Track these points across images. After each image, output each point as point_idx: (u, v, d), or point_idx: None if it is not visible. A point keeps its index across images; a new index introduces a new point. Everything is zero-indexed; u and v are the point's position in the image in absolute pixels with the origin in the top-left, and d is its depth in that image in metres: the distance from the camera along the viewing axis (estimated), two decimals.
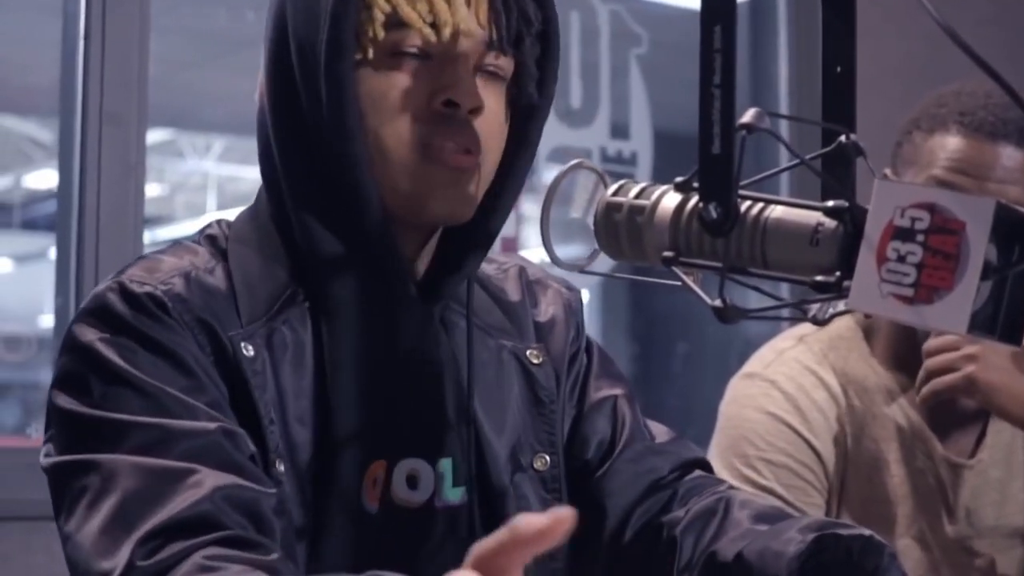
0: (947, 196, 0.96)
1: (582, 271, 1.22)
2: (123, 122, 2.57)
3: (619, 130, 3.26)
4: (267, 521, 1.17)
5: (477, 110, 1.27)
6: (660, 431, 1.48)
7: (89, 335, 1.22)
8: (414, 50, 1.26)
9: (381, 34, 1.25)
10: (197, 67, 7.19)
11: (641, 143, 3.27)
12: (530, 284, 1.47)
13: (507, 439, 1.36)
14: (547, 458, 1.38)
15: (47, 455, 1.23)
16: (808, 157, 1.05)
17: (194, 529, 1.12)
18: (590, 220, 1.16)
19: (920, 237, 0.96)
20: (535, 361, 1.41)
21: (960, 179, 1.85)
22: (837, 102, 1.11)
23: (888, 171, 1.95)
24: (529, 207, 3.27)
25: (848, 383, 1.97)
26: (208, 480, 1.14)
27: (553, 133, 3.15)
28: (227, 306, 1.26)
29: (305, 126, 1.28)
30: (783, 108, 3.39)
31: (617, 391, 1.47)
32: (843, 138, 1.08)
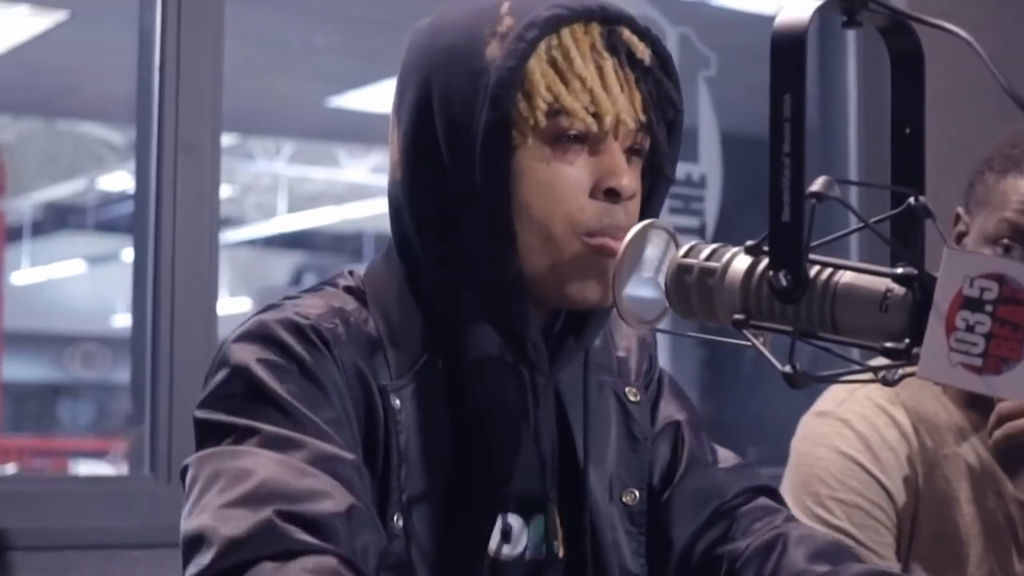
0: (1016, 267, 0.97)
1: (653, 329, 1.23)
2: (198, 132, 2.60)
3: (688, 152, 3.26)
4: (369, 564, 1.18)
5: (634, 195, 1.30)
6: (727, 456, 1.50)
7: (246, 356, 1.25)
8: (575, 134, 1.28)
9: (544, 122, 1.27)
10: (267, 72, 7.26)
11: (710, 165, 3.27)
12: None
13: (605, 473, 1.39)
14: (636, 493, 1.41)
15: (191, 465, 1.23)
16: (874, 220, 1.05)
17: (326, 534, 1.13)
18: (661, 279, 1.17)
19: (989, 307, 0.97)
20: (633, 399, 1.44)
21: None
22: (906, 163, 1.11)
23: (960, 210, 1.95)
24: None
25: (919, 421, 1.96)
26: (343, 498, 1.16)
27: None
28: (379, 356, 1.29)
29: (447, 202, 1.29)
30: (852, 168, 3.39)
31: (681, 416, 1.50)
32: (912, 200, 1.08)
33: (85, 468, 8.06)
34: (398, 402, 1.27)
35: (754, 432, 3.98)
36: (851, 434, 1.93)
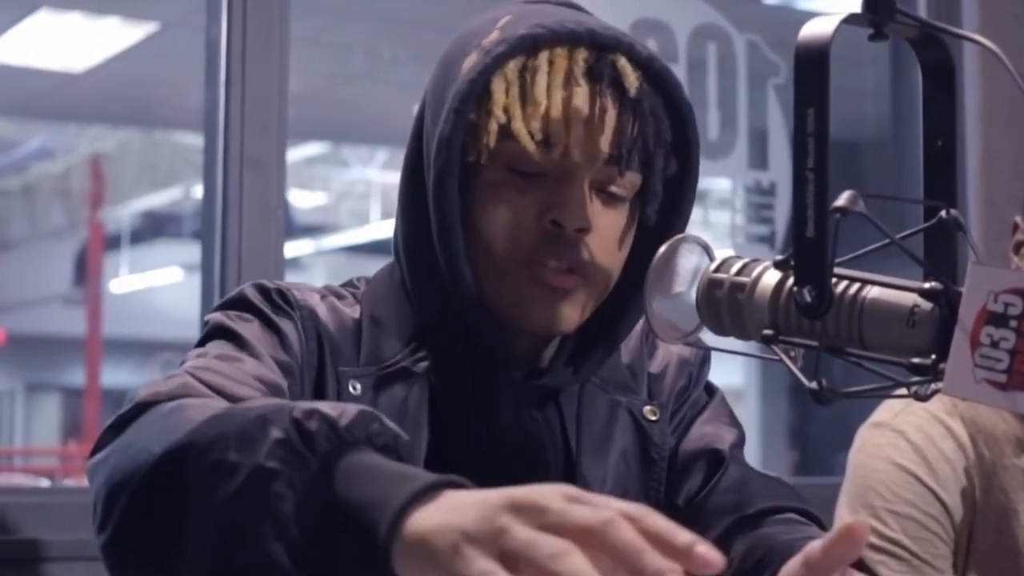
0: None
1: (686, 344, 1.22)
2: (263, 147, 2.61)
3: (757, 160, 3.24)
4: None
5: (583, 230, 1.26)
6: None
7: (219, 317, 1.29)
8: (528, 168, 1.26)
9: (493, 143, 1.24)
10: (359, 80, 7.33)
11: (780, 173, 3.24)
12: (650, 335, 1.47)
13: (608, 491, 1.36)
14: None
15: None
16: (901, 236, 1.05)
17: None
18: (694, 293, 1.16)
19: (1013, 323, 0.96)
20: (651, 418, 1.40)
21: None
22: (938, 176, 1.10)
23: (1019, 219, 1.93)
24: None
25: (977, 433, 1.94)
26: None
27: None
28: (352, 342, 1.31)
29: (427, 213, 1.29)
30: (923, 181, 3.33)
31: (722, 444, 1.44)
32: (943, 213, 1.08)
33: None
34: (358, 388, 1.28)
35: (841, 438, 3.94)
36: (907, 446, 1.92)
